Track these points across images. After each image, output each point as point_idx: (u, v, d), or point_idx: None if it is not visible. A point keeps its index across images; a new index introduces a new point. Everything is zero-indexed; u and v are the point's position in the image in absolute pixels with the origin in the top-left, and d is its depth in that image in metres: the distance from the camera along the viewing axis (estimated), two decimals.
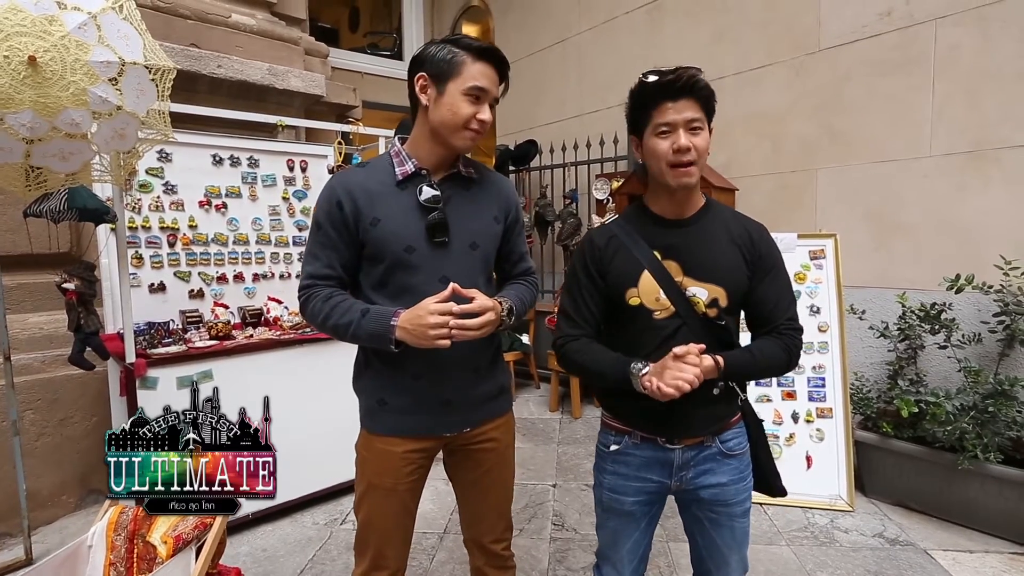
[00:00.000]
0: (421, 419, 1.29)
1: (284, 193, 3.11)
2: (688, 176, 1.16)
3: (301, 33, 3.95)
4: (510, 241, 1.42)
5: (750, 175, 3.55)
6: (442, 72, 1.20)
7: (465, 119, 1.20)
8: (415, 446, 1.30)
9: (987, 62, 2.63)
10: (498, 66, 1.23)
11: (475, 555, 1.50)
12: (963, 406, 2.37)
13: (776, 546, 2.34)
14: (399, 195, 1.25)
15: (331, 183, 1.28)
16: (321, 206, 1.25)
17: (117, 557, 1.42)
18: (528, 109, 5.14)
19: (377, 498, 1.31)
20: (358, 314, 1.20)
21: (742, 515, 1.27)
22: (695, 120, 1.13)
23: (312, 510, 2.66)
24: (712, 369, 1.11)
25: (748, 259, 1.20)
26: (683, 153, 1.13)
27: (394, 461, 1.29)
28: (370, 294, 1.28)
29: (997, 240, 2.59)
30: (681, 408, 1.18)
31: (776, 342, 1.19)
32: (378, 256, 1.25)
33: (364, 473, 1.33)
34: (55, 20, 1.54)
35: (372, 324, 1.18)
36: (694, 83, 1.12)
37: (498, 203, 1.36)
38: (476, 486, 1.42)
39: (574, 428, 3.77)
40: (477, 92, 1.20)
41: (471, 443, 1.36)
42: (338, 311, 1.21)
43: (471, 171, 1.33)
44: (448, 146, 1.25)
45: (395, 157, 1.28)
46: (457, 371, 1.28)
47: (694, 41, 3.81)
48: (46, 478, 2.61)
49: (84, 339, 2.15)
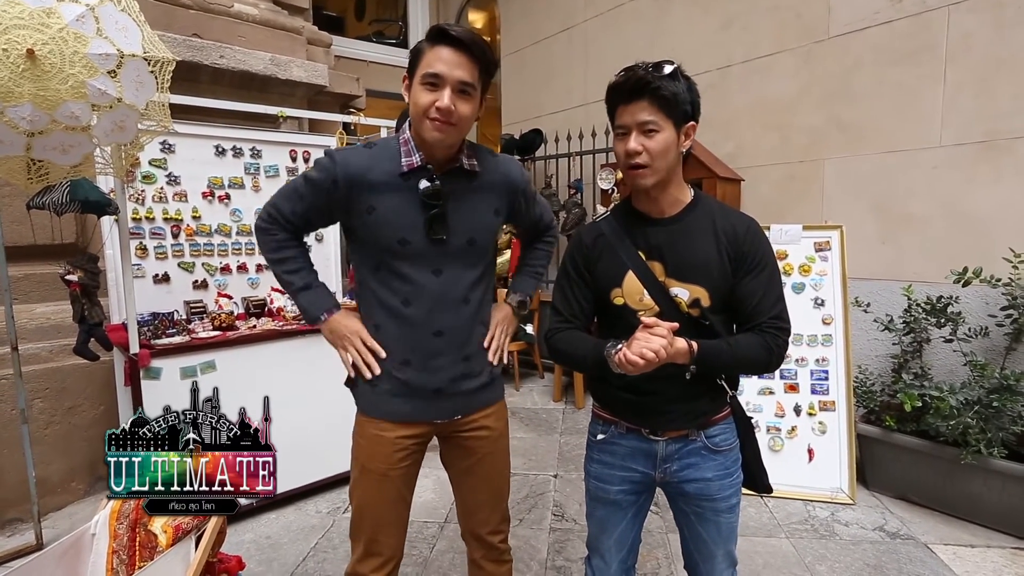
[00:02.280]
0: (412, 404, 1.30)
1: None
2: (640, 178, 1.14)
3: (304, 22, 3.93)
4: (523, 217, 1.44)
5: (757, 165, 3.50)
6: (411, 66, 1.21)
7: (423, 108, 1.17)
8: (406, 432, 1.32)
9: (1001, 50, 2.56)
10: (460, 47, 1.16)
11: (472, 547, 1.52)
12: (967, 400, 2.35)
13: (776, 538, 2.35)
14: (401, 187, 1.24)
15: (334, 156, 1.26)
16: (317, 170, 1.26)
17: (120, 545, 1.45)
18: (533, 98, 5.09)
19: (370, 483, 1.33)
20: (300, 283, 1.32)
21: (728, 511, 1.27)
22: (648, 122, 1.11)
23: (315, 499, 2.70)
24: (685, 352, 1.10)
25: (731, 257, 1.18)
26: (632, 156, 1.12)
27: (385, 446, 1.31)
28: (366, 274, 1.30)
29: (1007, 233, 2.55)
30: (663, 399, 1.19)
31: (756, 338, 1.17)
32: (370, 243, 1.26)
33: (357, 458, 1.35)
34: (53, 13, 1.54)
35: (306, 302, 1.33)
36: (644, 84, 1.09)
37: (499, 193, 1.35)
38: (470, 475, 1.43)
39: (577, 418, 3.78)
40: (431, 79, 1.16)
41: (463, 431, 1.38)
42: (285, 265, 1.32)
43: (474, 163, 1.31)
44: (423, 140, 1.22)
45: (403, 145, 1.26)
46: (448, 358, 1.29)
47: (702, 28, 3.75)
48: (55, 465, 2.66)
49: (88, 330, 2.18)
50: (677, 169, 1.19)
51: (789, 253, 2.88)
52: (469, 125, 1.24)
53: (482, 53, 1.19)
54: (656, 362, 1.05)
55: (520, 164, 1.45)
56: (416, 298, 1.26)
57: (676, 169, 1.19)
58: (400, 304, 1.26)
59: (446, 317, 1.27)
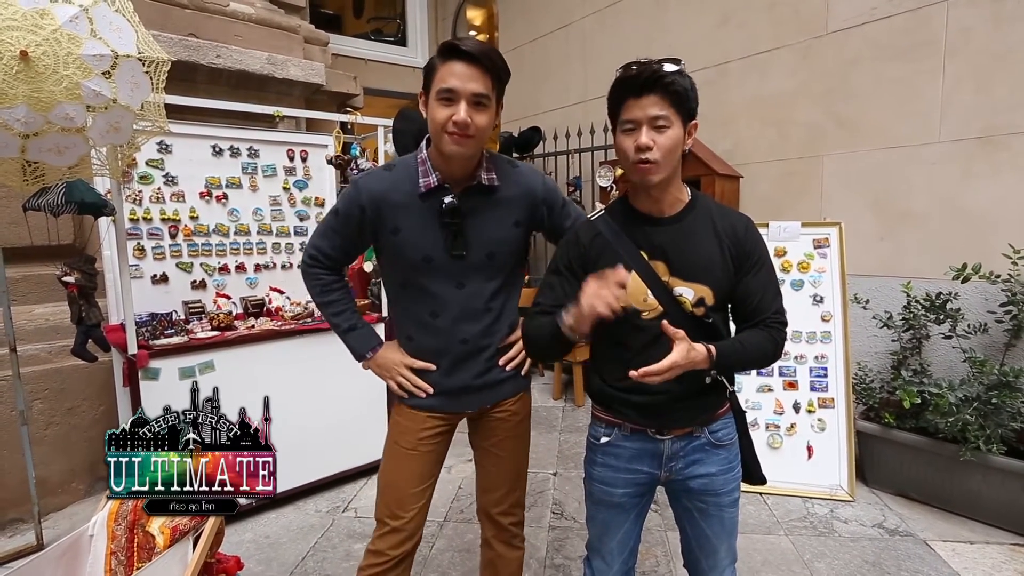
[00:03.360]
0: (442, 400, 1.40)
1: (285, 183, 3.10)
2: (649, 174, 1.13)
3: (300, 21, 3.92)
4: (549, 225, 1.45)
5: (755, 162, 3.50)
6: (426, 83, 1.25)
7: (441, 123, 1.21)
8: (438, 413, 1.42)
9: (999, 45, 2.55)
10: (471, 61, 1.19)
11: (485, 526, 1.56)
12: (966, 397, 2.35)
13: (775, 536, 2.35)
14: (421, 207, 1.30)
15: (357, 183, 1.34)
16: (344, 201, 1.35)
17: (118, 546, 1.45)
18: (531, 95, 5.08)
19: (398, 457, 1.41)
20: (345, 325, 1.43)
21: (730, 505, 1.28)
22: (660, 117, 1.10)
23: (315, 498, 2.70)
24: (704, 359, 1.11)
25: (734, 256, 1.19)
26: (643, 151, 1.11)
27: (417, 423, 1.41)
28: (394, 291, 1.42)
29: (1006, 228, 2.54)
30: (672, 398, 1.19)
31: (763, 334, 1.19)
32: (398, 262, 1.35)
33: (391, 435, 1.45)
34: (46, 14, 1.53)
35: (353, 342, 1.43)
36: (658, 78, 1.09)
37: (519, 206, 1.38)
38: (488, 455, 1.51)
39: (577, 416, 3.78)
40: (447, 94, 1.20)
41: (488, 415, 1.47)
42: (332, 308, 1.43)
43: (492, 177, 1.34)
44: (443, 155, 1.26)
45: (421, 165, 1.31)
46: (473, 362, 1.38)
47: (699, 25, 3.74)
48: (55, 466, 2.66)
49: (86, 331, 2.18)
50: (678, 168, 1.19)
51: (788, 250, 2.87)
52: (487, 135, 1.27)
53: (492, 64, 1.22)
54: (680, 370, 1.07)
55: (544, 175, 1.46)
56: (442, 310, 1.34)
57: (679, 168, 1.19)
58: (429, 316, 1.35)
59: (470, 326, 1.36)
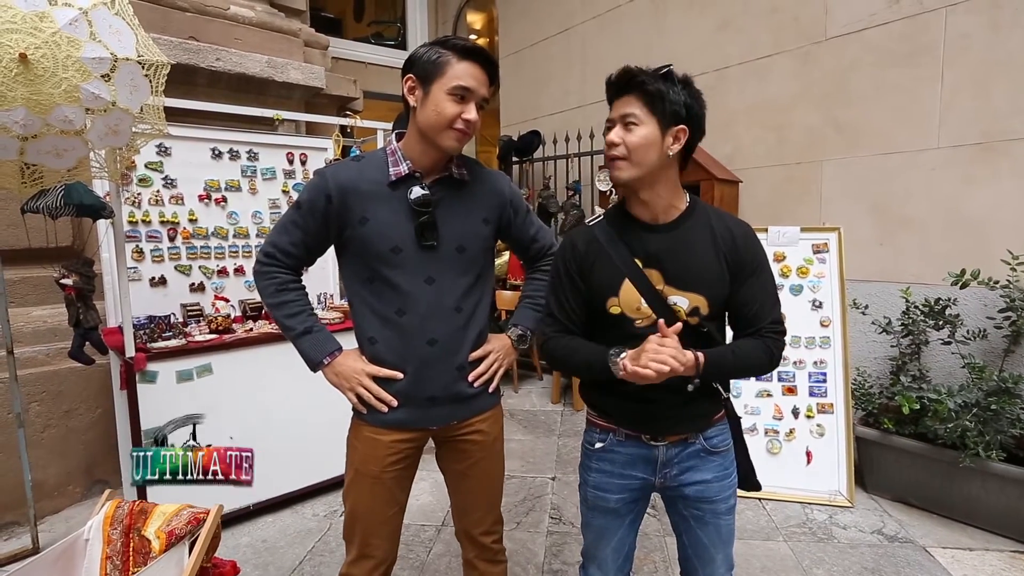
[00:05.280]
0: (408, 412, 1.31)
1: (284, 186, 3.11)
2: (617, 170, 1.15)
3: (301, 24, 3.93)
4: (514, 231, 1.45)
5: (754, 167, 3.50)
6: (428, 73, 1.21)
7: (450, 119, 1.20)
8: (401, 436, 1.33)
9: (998, 52, 2.56)
10: (485, 66, 1.23)
11: (466, 547, 1.53)
12: (965, 403, 2.34)
13: (773, 542, 2.34)
14: (390, 196, 1.27)
15: (324, 173, 1.29)
16: (309, 191, 1.28)
17: (113, 551, 1.44)
18: (531, 99, 5.08)
19: (363, 486, 1.34)
20: (300, 328, 1.30)
21: (727, 512, 1.27)
22: (629, 115, 1.12)
23: (312, 502, 2.69)
24: (692, 365, 1.10)
25: (730, 263, 1.18)
26: (610, 147, 1.14)
27: (380, 449, 1.32)
28: (358, 287, 1.32)
29: (1005, 234, 2.54)
30: (666, 405, 1.18)
31: (758, 343, 1.17)
32: (364, 254, 1.27)
33: (352, 461, 1.37)
34: (46, 16, 1.53)
35: (307, 346, 1.31)
36: (632, 78, 1.12)
37: (488, 203, 1.37)
38: (464, 478, 1.45)
39: (575, 420, 3.77)
40: (461, 91, 1.20)
41: (458, 435, 1.39)
42: (285, 309, 1.31)
43: (463, 172, 1.33)
44: (436, 147, 1.25)
45: (390, 156, 1.29)
46: (441, 366, 1.31)
47: (699, 30, 3.74)
48: (52, 469, 2.65)
49: (83, 334, 2.17)
50: (667, 173, 1.17)
51: (787, 255, 2.87)
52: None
53: (496, 74, 1.28)
54: (668, 374, 1.05)
55: (510, 181, 1.48)
56: (410, 307, 1.27)
57: (663, 172, 1.16)
58: (394, 314, 1.28)
59: (439, 326, 1.29)
